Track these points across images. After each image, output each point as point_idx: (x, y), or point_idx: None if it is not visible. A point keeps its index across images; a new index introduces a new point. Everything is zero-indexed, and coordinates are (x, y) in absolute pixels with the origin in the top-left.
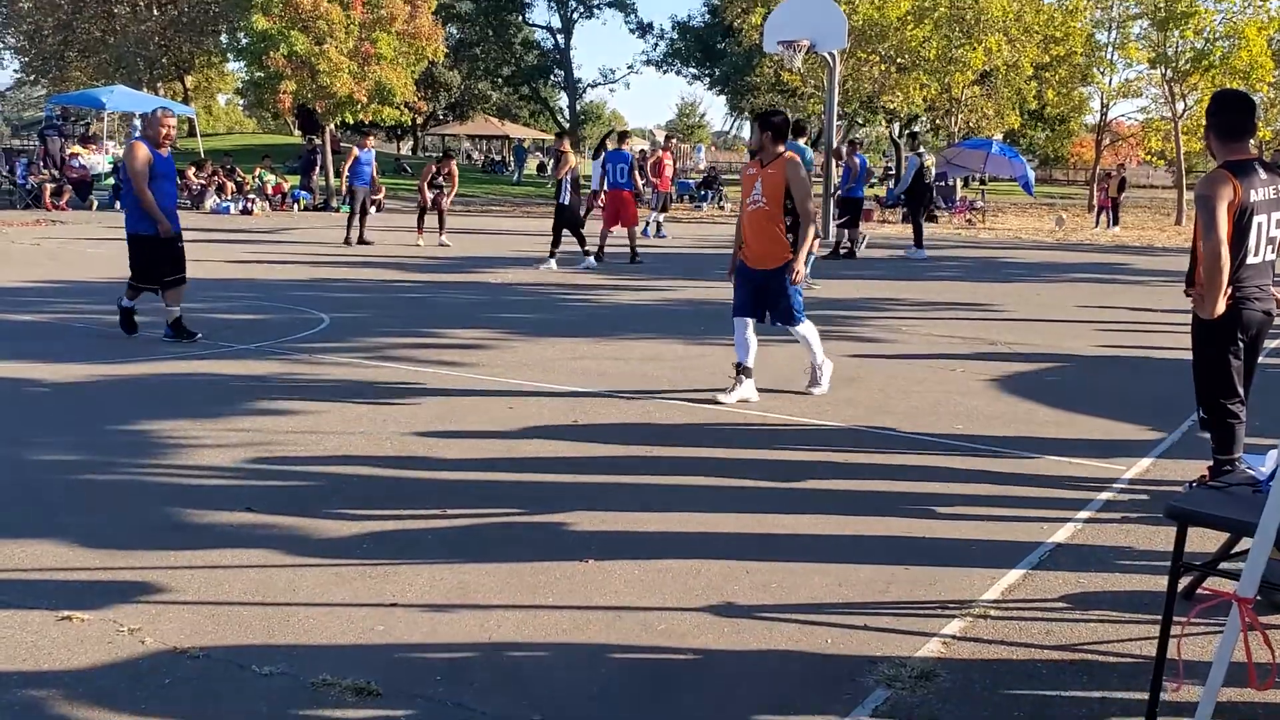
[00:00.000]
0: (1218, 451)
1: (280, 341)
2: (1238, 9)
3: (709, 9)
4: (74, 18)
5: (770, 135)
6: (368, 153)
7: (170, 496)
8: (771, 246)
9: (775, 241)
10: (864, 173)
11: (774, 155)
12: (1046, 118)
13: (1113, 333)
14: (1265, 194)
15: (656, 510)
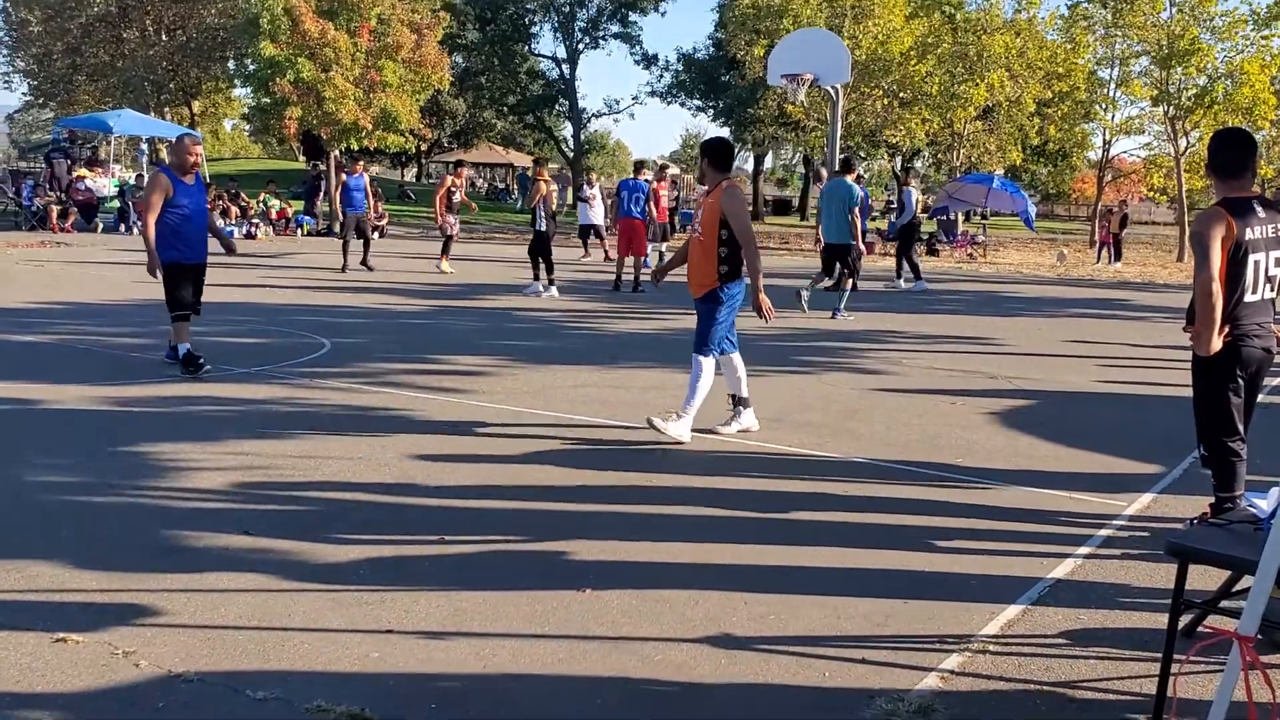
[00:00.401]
0: (1219, 489)
1: (281, 366)
2: (1239, 47)
3: (713, 42)
4: (83, 42)
5: (709, 162)
6: (358, 178)
7: (167, 519)
8: (701, 275)
9: (704, 270)
10: (866, 206)
11: (714, 183)
12: (1048, 153)
13: (1114, 368)
14: (1263, 232)
15: (655, 540)
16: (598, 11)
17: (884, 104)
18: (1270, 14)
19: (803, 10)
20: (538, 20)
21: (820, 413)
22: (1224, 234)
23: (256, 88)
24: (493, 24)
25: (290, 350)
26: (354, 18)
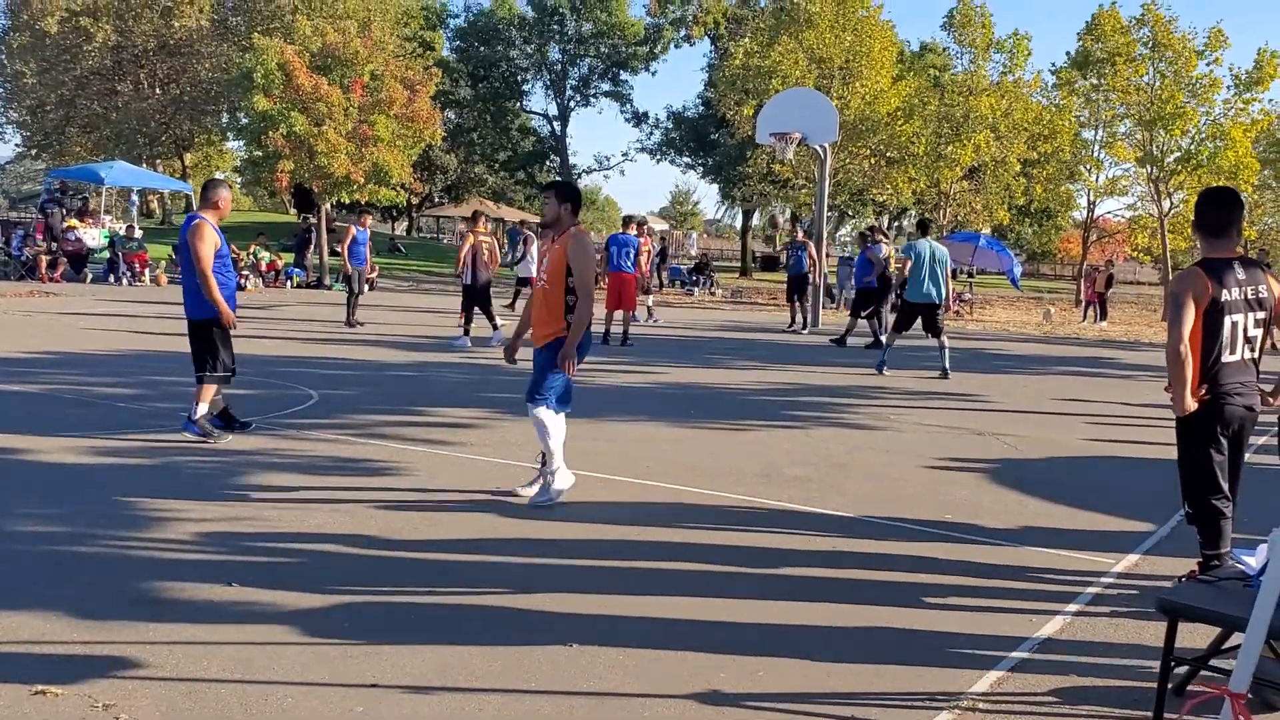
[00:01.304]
0: (1205, 547)
1: (268, 417)
2: (1221, 111)
3: (703, 101)
4: (77, 94)
5: (569, 206)
6: (364, 232)
7: (151, 570)
8: (544, 326)
9: (548, 321)
10: (886, 264)
11: (562, 229)
12: (1034, 213)
13: (1101, 425)
14: (1241, 294)
15: (643, 595)
16: (589, 70)
17: (871, 163)
18: (1250, 79)
19: (791, 71)
20: (529, 78)
21: (809, 467)
22: (1199, 295)
23: (249, 141)
24: (485, 81)
25: (278, 401)
26: (347, 73)
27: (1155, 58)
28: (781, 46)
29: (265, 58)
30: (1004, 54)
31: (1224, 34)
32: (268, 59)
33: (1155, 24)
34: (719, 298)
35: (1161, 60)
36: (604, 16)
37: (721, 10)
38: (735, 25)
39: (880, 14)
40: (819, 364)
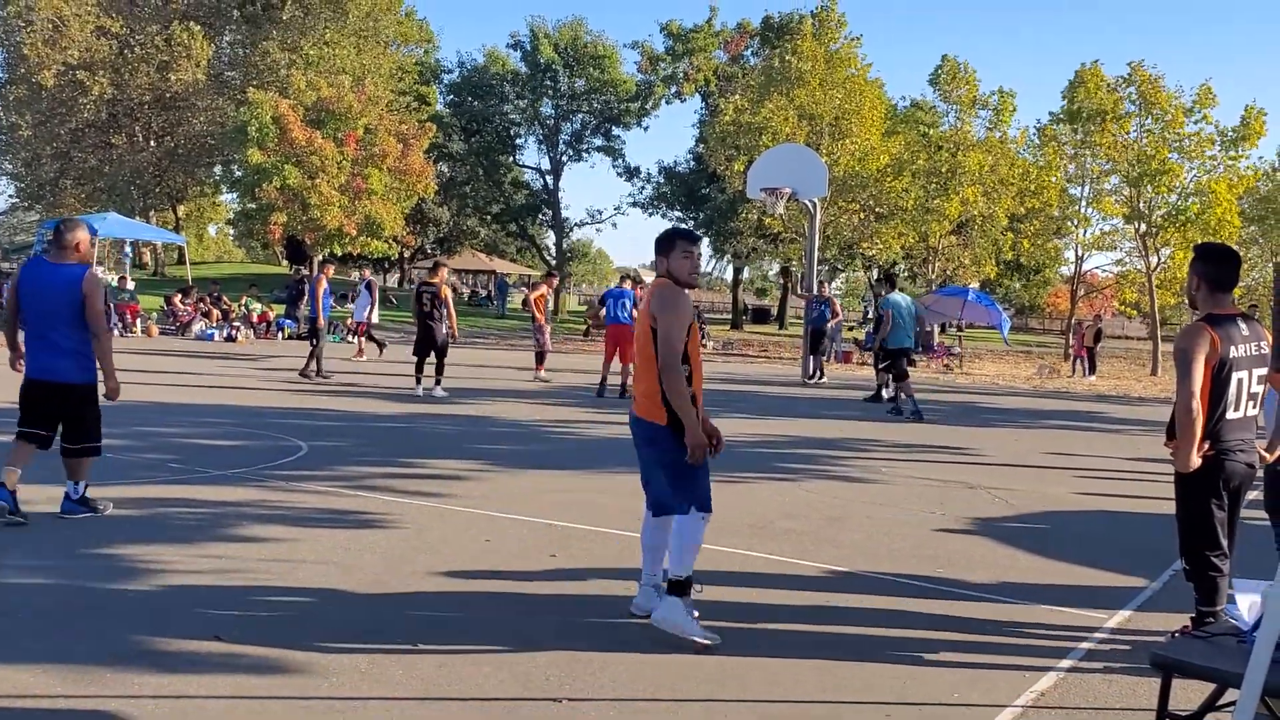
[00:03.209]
0: (1201, 603)
1: (257, 468)
2: (1207, 168)
3: (694, 156)
4: (72, 147)
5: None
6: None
7: (138, 622)
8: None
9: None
10: None
11: None
12: (1022, 267)
13: (1092, 479)
14: (1246, 350)
15: (634, 650)
16: (581, 125)
17: (860, 218)
18: (1237, 135)
19: (782, 127)
20: (522, 132)
21: (800, 520)
22: (1208, 351)
23: (243, 193)
24: (478, 135)
25: (267, 453)
26: (341, 127)
27: (1142, 115)
28: (772, 103)
29: (260, 111)
30: (989, 110)
31: (1213, 91)
32: (262, 113)
33: (1142, 83)
34: (710, 349)
35: (1149, 117)
36: (596, 73)
37: (712, 68)
38: (725, 82)
39: (869, 72)
40: (810, 415)
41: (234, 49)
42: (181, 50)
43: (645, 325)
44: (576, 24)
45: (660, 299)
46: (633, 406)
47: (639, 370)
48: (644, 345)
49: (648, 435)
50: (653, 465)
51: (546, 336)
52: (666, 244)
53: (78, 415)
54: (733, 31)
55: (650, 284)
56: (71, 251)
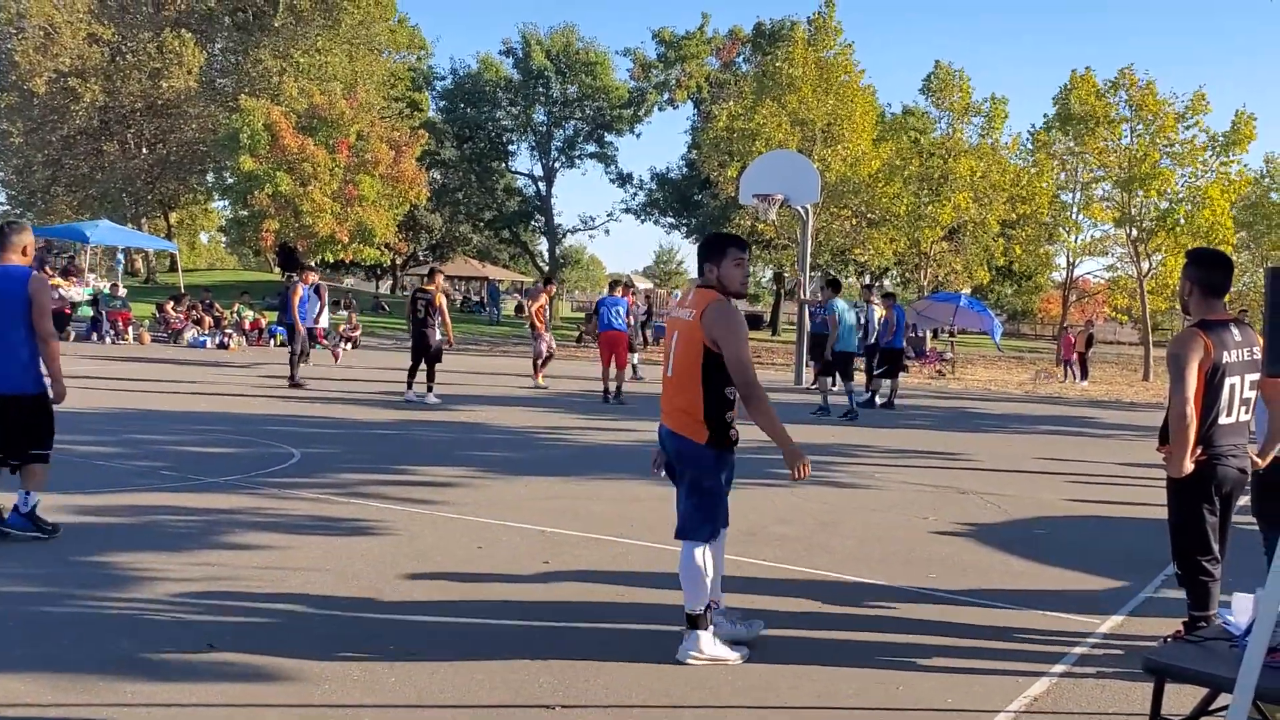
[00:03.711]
0: (1193, 608)
1: (249, 476)
2: (1199, 173)
3: (687, 163)
4: (64, 154)
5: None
6: (309, 288)
7: (130, 631)
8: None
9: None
10: (901, 324)
11: None
12: (1014, 273)
13: (1084, 485)
14: (1239, 355)
15: (627, 658)
16: (574, 132)
17: (853, 224)
18: (1229, 140)
19: (774, 133)
20: (515, 139)
21: (794, 526)
22: (1201, 356)
23: (235, 200)
24: (470, 142)
25: (259, 460)
26: (333, 134)
27: (1134, 120)
28: (765, 109)
29: (252, 119)
30: (982, 117)
31: (1205, 98)
32: (254, 120)
33: (1130, 87)
34: None
35: (1140, 123)
36: (588, 80)
37: (704, 75)
38: (718, 89)
39: (861, 79)
40: (803, 421)
41: (226, 56)
42: (173, 57)
43: (695, 339)
44: (569, 31)
45: (721, 316)
46: (664, 419)
47: (678, 384)
48: (690, 360)
49: (682, 452)
50: (683, 484)
51: (547, 342)
52: (718, 251)
53: (33, 423)
54: (725, 38)
55: (693, 293)
56: (17, 254)
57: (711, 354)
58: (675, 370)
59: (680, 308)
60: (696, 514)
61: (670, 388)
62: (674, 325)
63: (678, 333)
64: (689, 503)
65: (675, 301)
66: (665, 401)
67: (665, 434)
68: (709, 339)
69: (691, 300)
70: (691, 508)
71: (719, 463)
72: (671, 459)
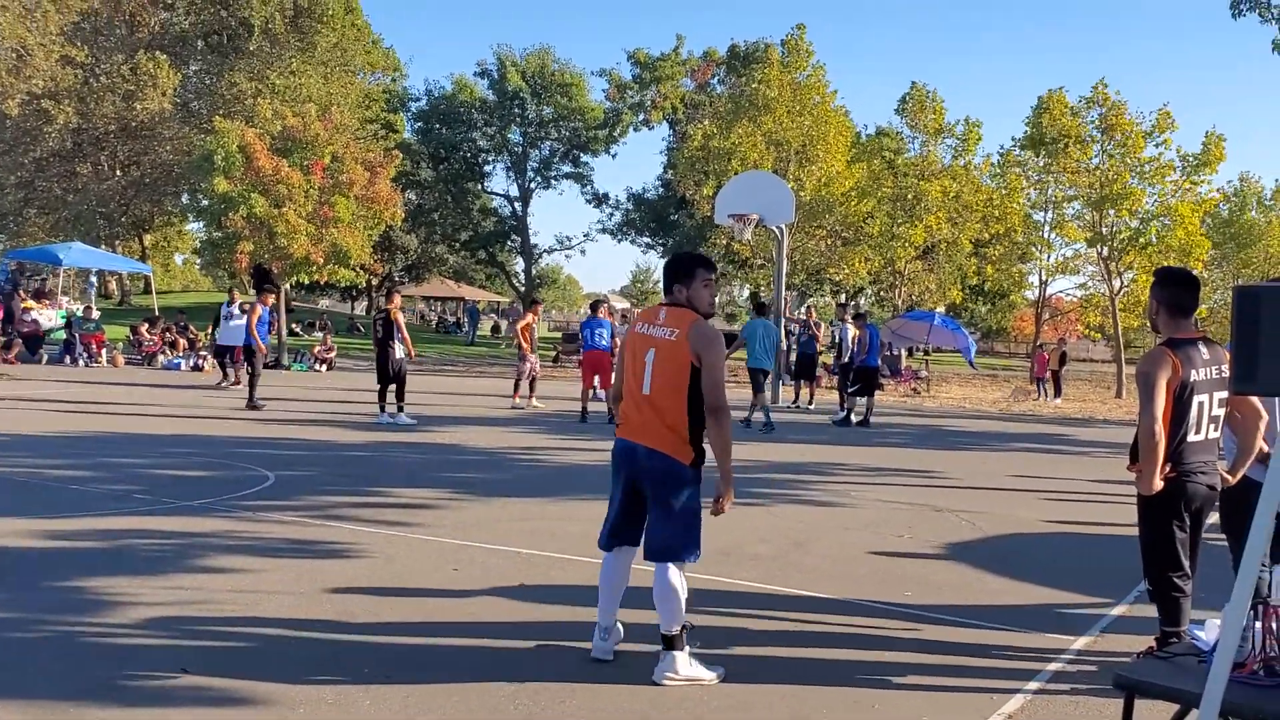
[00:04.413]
0: (1164, 623)
1: (224, 499)
2: (1169, 191)
3: (663, 182)
4: (37, 176)
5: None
6: (267, 310)
7: (103, 656)
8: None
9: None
10: (875, 343)
11: None
12: (987, 292)
13: (1058, 502)
14: (1207, 374)
15: (607, 679)
16: (550, 152)
17: (828, 243)
18: (1199, 160)
19: (749, 153)
20: (491, 160)
21: (769, 545)
22: (1169, 375)
23: (209, 222)
24: (446, 163)
25: (233, 483)
26: (308, 155)
27: (1105, 140)
28: (740, 130)
29: (226, 140)
30: (955, 139)
31: (1171, 115)
32: (229, 141)
33: (1105, 103)
34: None
35: (1110, 142)
36: (564, 101)
37: (679, 96)
38: (692, 110)
39: (834, 99)
40: (778, 439)
41: (200, 78)
42: (148, 79)
43: (681, 358)
44: (544, 52)
45: (704, 336)
46: (639, 437)
47: (664, 402)
48: (676, 380)
49: (666, 472)
50: (662, 505)
51: (531, 364)
52: (686, 273)
53: None
54: (699, 60)
55: (665, 312)
56: None
57: (698, 373)
58: (656, 389)
59: (651, 325)
60: (683, 535)
61: (650, 406)
62: (648, 343)
63: (655, 350)
64: (673, 524)
65: (636, 318)
66: (640, 419)
67: (643, 453)
68: (694, 357)
69: (668, 319)
70: (678, 529)
71: (698, 482)
72: (644, 478)
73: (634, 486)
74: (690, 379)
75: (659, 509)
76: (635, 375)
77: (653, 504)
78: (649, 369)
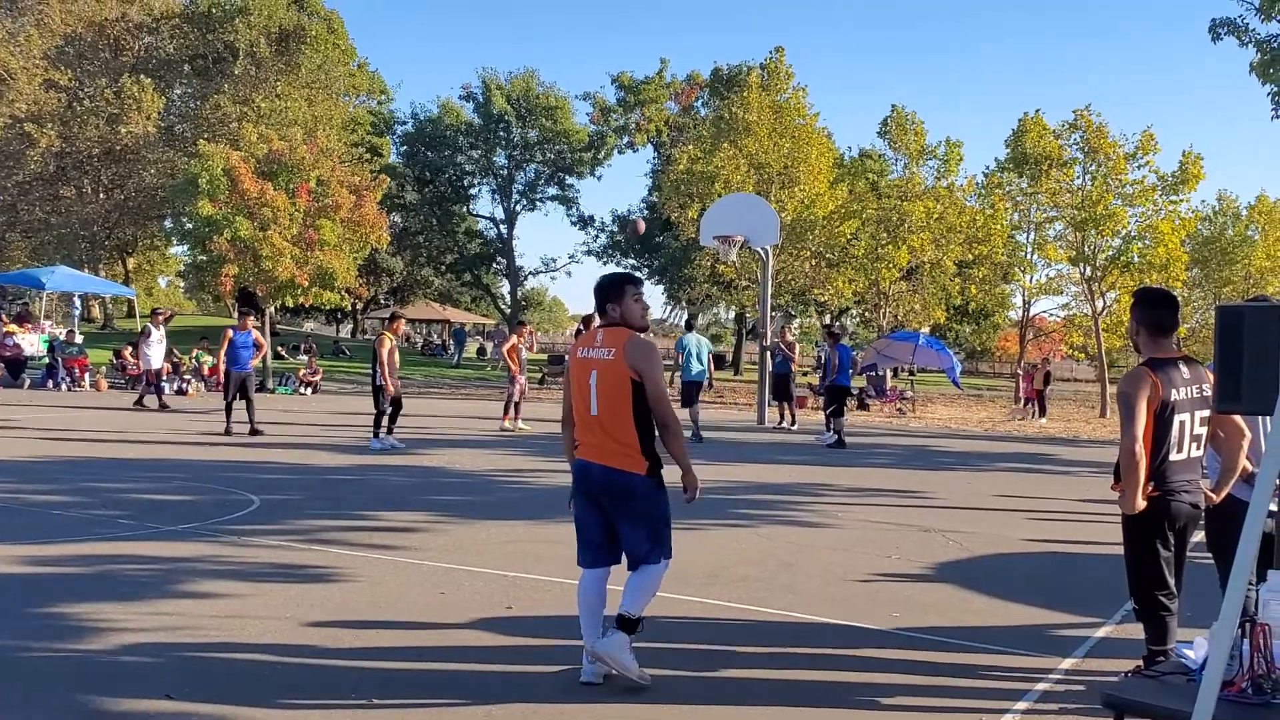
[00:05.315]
0: (1151, 642)
1: (208, 523)
2: (1149, 211)
3: (648, 205)
4: (19, 200)
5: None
6: (244, 335)
7: (87, 682)
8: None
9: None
10: (845, 362)
11: None
12: (971, 312)
13: (1043, 522)
14: (1188, 393)
15: (592, 701)
16: (535, 175)
17: (812, 264)
18: (1176, 179)
19: (733, 176)
20: (476, 182)
21: (757, 566)
22: (1150, 395)
23: (194, 245)
24: (431, 185)
25: (218, 507)
26: (293, 178)
27: (1087, 161)
28: (722, 153)
29: (211, 163)
30: (937, 160)
31: (1154, 138)
32: (213, 165)
33: (1087, 128)
34: None
35: (1093, 163)
36: (549, 124)
37: (663, 118)
38: (677, 132)
39: (816, 122)
40: (765, 460)
41: (184, 102)
42: (132, 103)
43: (620, 375)
44: (529, 76)
45: (641, 351)
46: (595, 457)
47: (612, 420)
48: (620, 396)
49: (624, 487)
50: (628, 517)
51: (520, 385)
52: (615, 291)
53: None
54: (683, 83)
55: (602, 333)
56: None
57: (640, 386)
58: (603, 408)
59: (590, 348)
60: (652, 539)
61: (600, 426)
62: (589, 365)
63: (596, 371)
64: (641, 532)
65: (574, 343)
66: (593, 439)
67: (599, 471)
68: (633, 372)
69: (605, 339)
70: (645, 536)
71: (660, 489)
72: (605, 495)
73: (597, 504)
74: (633, 393)
75: (626, 522)
76: (582, 398)
77: (619, 519)
78: (594, 390)
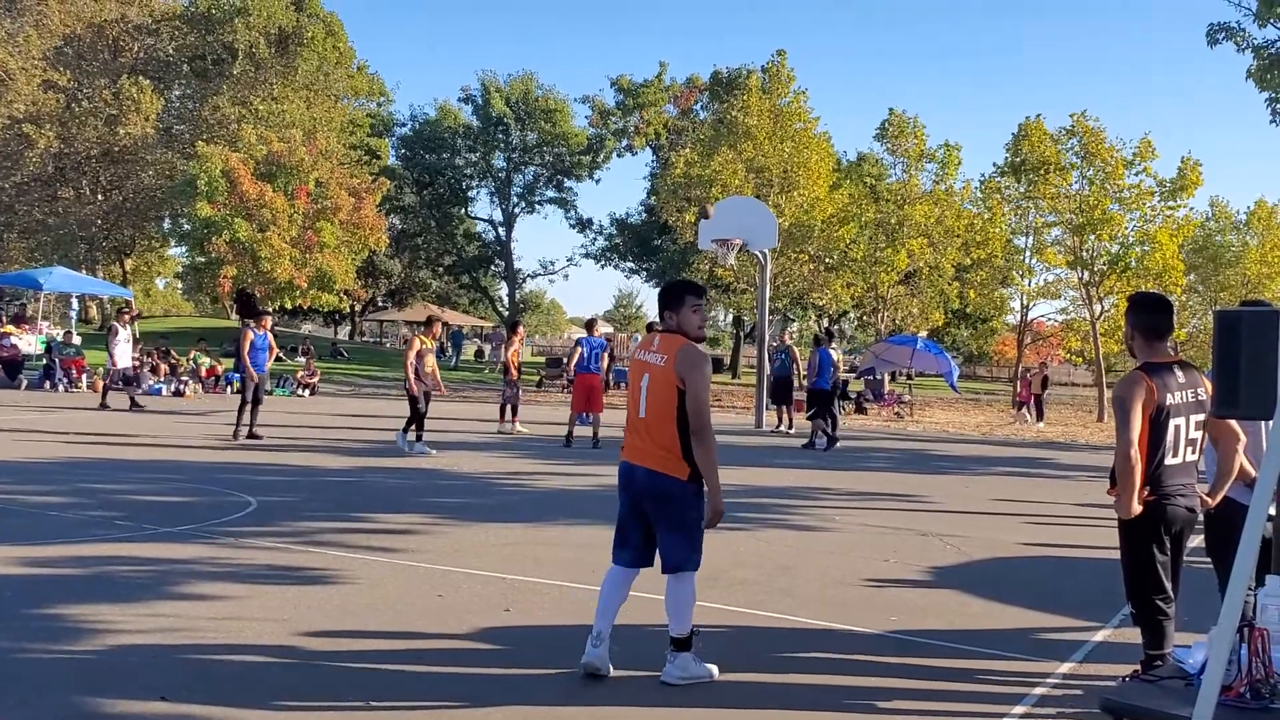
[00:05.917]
0: (1148, 646)
1: (205, 525)
2: (1147, 217)
3: (646, 208)
4: (18, 200)
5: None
6: (262, 336)
7: (82, 683)
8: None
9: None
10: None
11: None
12: (969, 316)
13: (1041, 526)
14: (1183, 397)
15: (589, 704)
16: (533, 178)
17: (810, 268)
18: (1175, 185)
19: (731, 179)
20: (475, 185)
21: (755, 570)
22: (1145, 399)
23: (192, 247)
24: (430, 188)
25: (215, 509)
26: (292, 180)
27: (1084, 166)
28: (721, 157)
29: (209, 165)
30: (936, 164)
31: (1152, 144)
32: (212, 166)
33: (1085, 134)
34: None
35: (1091, 168)
36: (547, 127)
37: (662, 122)
38: (675, 136)
39: (816, 126)
40: (762, 464)
41: (183, 103)
42: (130, 104)
43: (669, 381)
44: (528, 78)
45: (689, 360)
46: (639, 459)
47: (657, 424)
48: (666, 400)
49: (664, 491)
50: (666, 522)
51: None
52: (675, 299)
53: None
54: (682, 86)
55: (659, 338)
56: None
57: (684, 395)
58: (650, 412)
59: (647, 351)
60: (686, 545)
61: (646, 429)
62: (643, 368)
63: (649, 375)
64: (674, 537)
65: (636, 345)
66: (639, 442)
67: (642, 474)
68: (679, 379)
69: (660, 345)
70: (680, 541)
71: (699, 496)
72: (646, 498)
73: (637, 506)
74: (679, 401)
75: (664, 525)
76: (633, 400)
77: (657, 522)
78: (644, 393)
